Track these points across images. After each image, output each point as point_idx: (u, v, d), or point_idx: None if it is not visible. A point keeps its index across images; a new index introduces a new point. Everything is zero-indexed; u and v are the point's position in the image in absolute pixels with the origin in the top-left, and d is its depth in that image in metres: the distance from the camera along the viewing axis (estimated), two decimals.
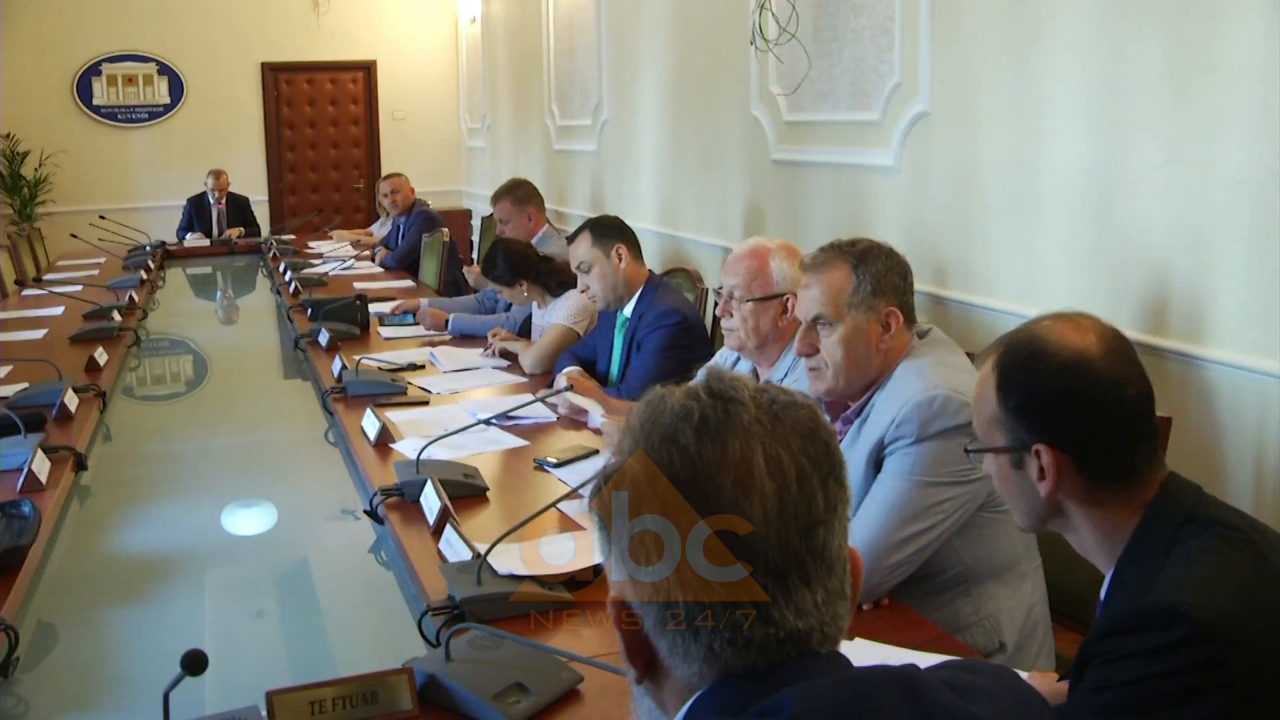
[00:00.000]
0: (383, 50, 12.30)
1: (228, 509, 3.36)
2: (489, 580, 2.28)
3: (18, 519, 2.74)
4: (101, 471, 3.63)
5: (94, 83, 11.65)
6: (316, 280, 6.62)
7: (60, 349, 5.01)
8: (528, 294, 4.65)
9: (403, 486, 2.90)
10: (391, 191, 8.13)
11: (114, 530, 3.30)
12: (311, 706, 1.88)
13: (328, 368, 4.38)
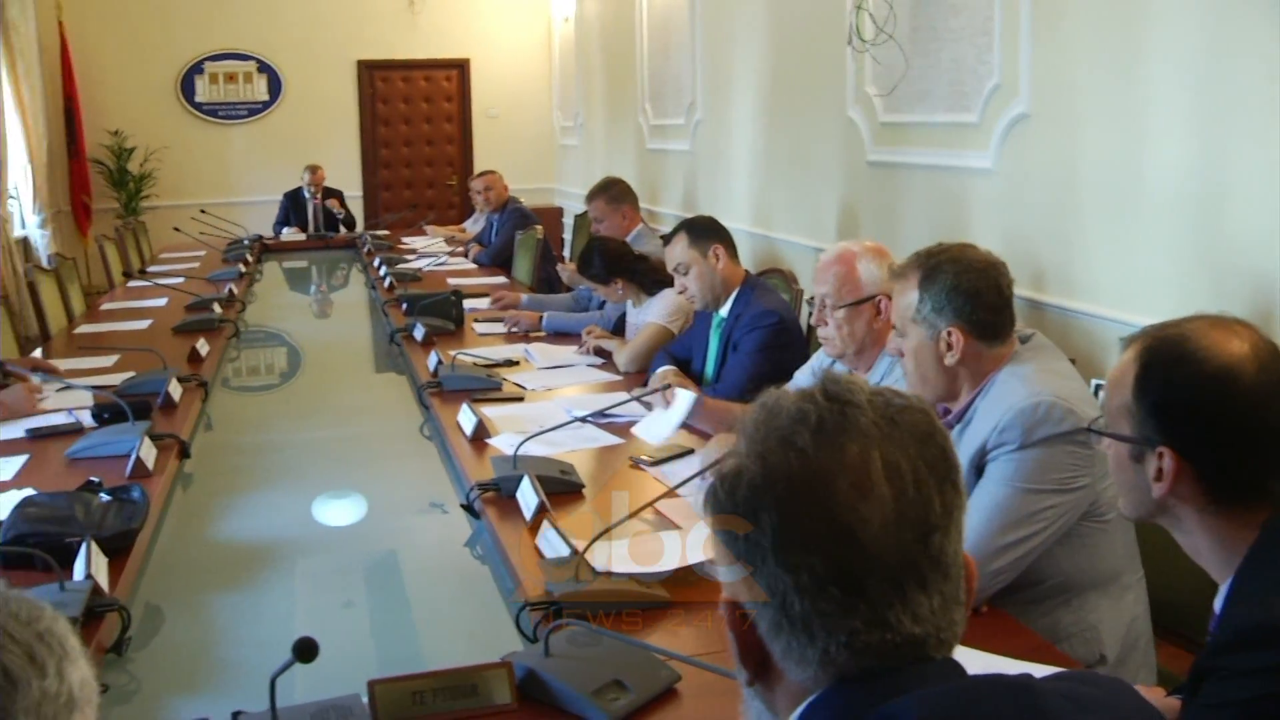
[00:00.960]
0: (477, 48, 12.41)
1: (319, 500, 3.41)
2: (587, 577, 2.29)
3: (128, 504, 2.80)
4: (203, 460, 3.70)
5: (197, 81, 11.90)
6: (411, 275, 6.68)
7: (164, 339, 5.13)
8: (623, 292, 4.67)
9: (500, 481, 2.93)
10: (485, 188, 8.18)
11: (215, 517, 3.36)
12: (412, 697, 1.90)
13: (423, 362, 4.43)
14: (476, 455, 3.31)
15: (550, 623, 2.13)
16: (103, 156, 11.54)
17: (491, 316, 5.38)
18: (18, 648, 0.86)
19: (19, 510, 2.67)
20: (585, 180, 10.41)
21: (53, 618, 0.91)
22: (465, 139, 12.60)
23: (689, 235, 3.95)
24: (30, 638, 0.88)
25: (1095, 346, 3.85)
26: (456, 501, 3.20)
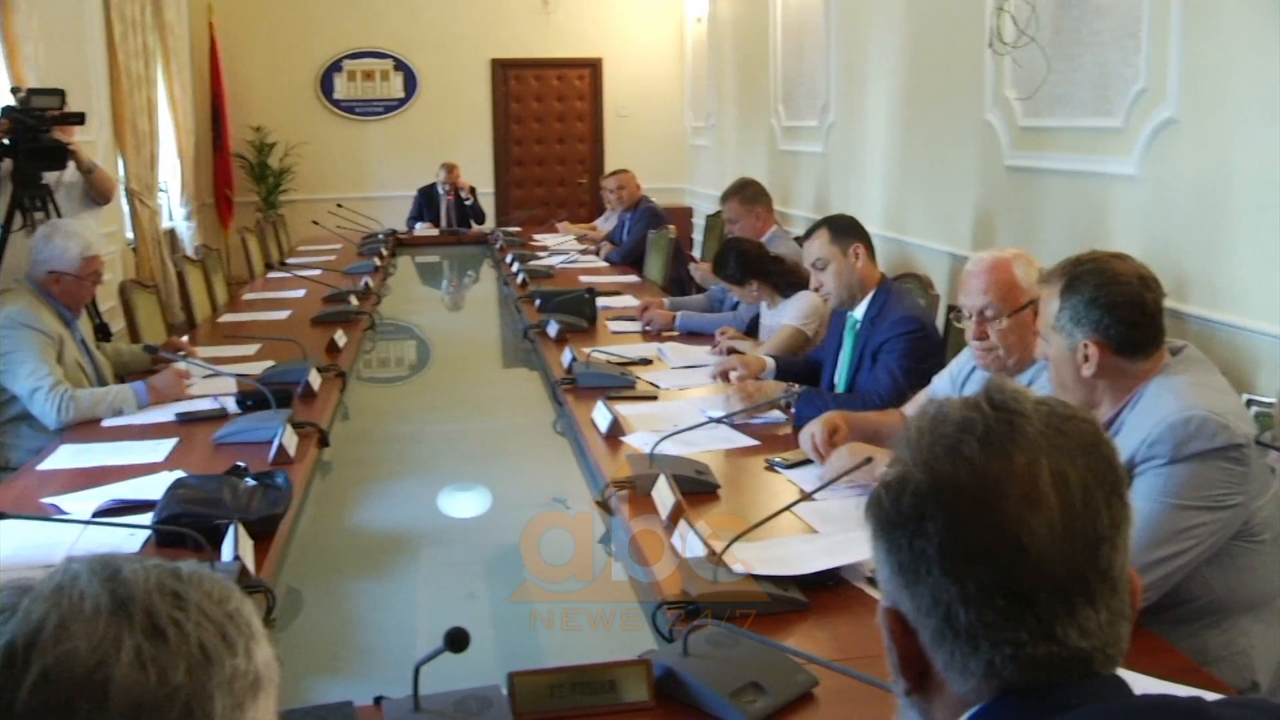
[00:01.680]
0: (609, 48, 12.48)
1: (446, 492, 3.47)
2: (725, 578, 2.29)
3: (273, 489, 2.88)
4: (341, 448, 3.78)
5: (335, 78, 12.16)
6: (544, 272, 6.75)
7: (302, 329, 5.25)
8: (758, 293, 4.66)
9: (635, 479, 2.94)
10: (618, 187, 8.22)
11: (352, 505, 3.44)
12: (551, 690, 1.92)
13: (557, 358, 4.46)
14: (611, 452, 3.33)
15: (687, 623, 2.15)
16: (245, 152, 11.88)
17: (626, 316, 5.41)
18: (212, 626, 0.89)
19: (172, 491, 2.77)
20: (716, 181, 10.39)
21: (240, 599, 0.93)
22: (596, 138, 12.68)
23: (830, 231, 3.91)
24: (222, 617, 0.90)
25: (1241, 359, 3.74)
26: (590, 498, 3.23)
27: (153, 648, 0.85)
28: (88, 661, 0.83)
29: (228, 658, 0.89)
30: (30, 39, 6.66)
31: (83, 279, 4.15)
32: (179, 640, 0.86)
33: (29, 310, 4.00)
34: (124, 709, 0.83)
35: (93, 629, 0.85)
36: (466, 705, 1.87)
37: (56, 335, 4.04)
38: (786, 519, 2.66)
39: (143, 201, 8.91)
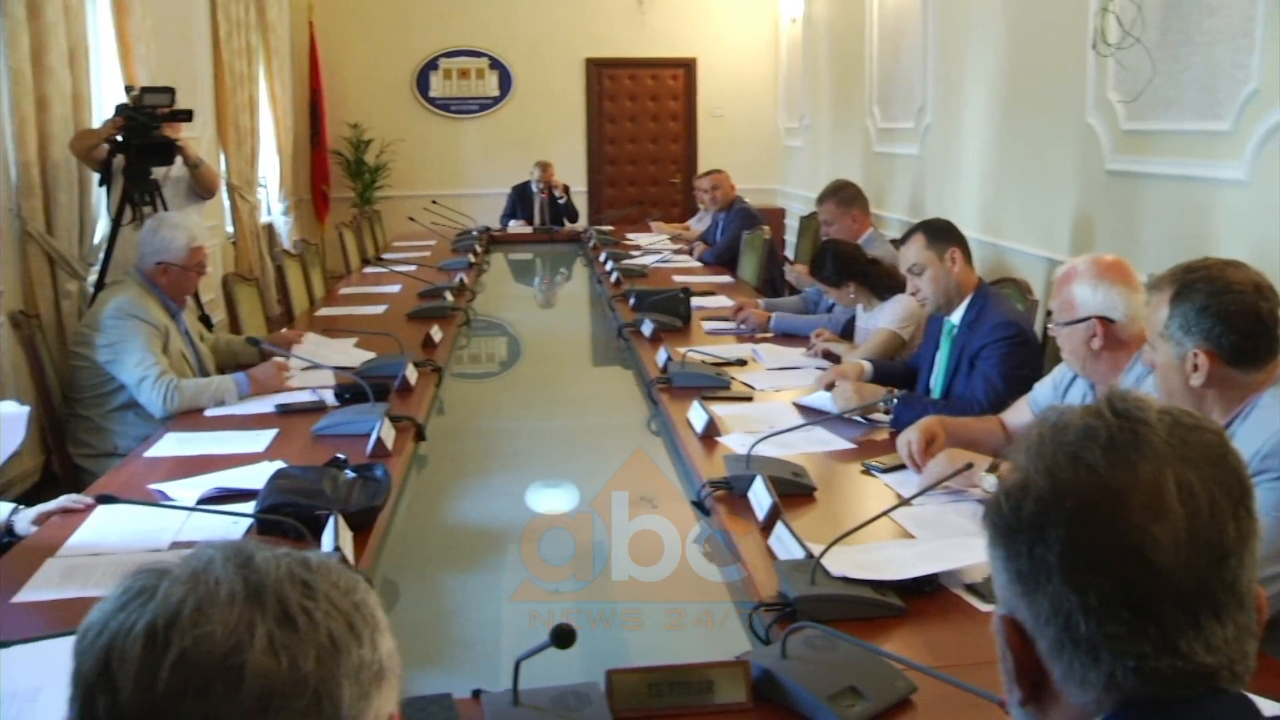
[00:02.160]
0: (703, 48, 12.46)
1: (540, 488, 3.48)
2: (822, 581, 2.28)
3: (372, 481, 2.91)
4: (437, 443, 3.81)
5: (431, 76, 12.29)
6: (638, 271, 6.76)
7: (398, 324, 5.32)
8: (854, 296, 4.62)
9: (732, 480, 2.94)
10: (712, 187, 8.20)
11: (447, 499, 3.47)
12: (649, 689, 1.92)
13: (652, 357, 4.47)
14: (706, 452, 3.32)
15: (784, 625, 2.14)
16: (342, 148, 12.05)
17: (720, 316, 5.40)
18: (340, 615, 0.90)
19: (274, 481, 2.81)
20: (810, 182, 10.34)
21: (366, 590, 0.95)
22: (690, 138, 12.67)
23: (926, 236, 3.87)
24: (349, 607, 0.92)
25: None
26: (683, 497, 3.23)
27: (284, 635, 0.87)
28: (223, 645, 0.86)
29: (355, 648, 0.90)
30: (143, 39, 6.82)
31: (188, 270, 4.24)
32: (309, 629, 0.88)
33: (137, 302, 4.09)
34: (257, 694, 0.85)
35: (228, 614, 0.87)
36: (565, 701, 1.87)
37: (163, 326, 4.14)
38: (883, 523, 2.64)
39: (243, 196, 9.07)
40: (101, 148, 5.63)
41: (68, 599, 2.45)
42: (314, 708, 0.88)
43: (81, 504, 2.99)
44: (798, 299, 5.73)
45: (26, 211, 5.47)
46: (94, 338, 4.07)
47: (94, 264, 5.93)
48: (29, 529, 2.93)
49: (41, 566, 2.61)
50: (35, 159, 5.54)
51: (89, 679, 0.88)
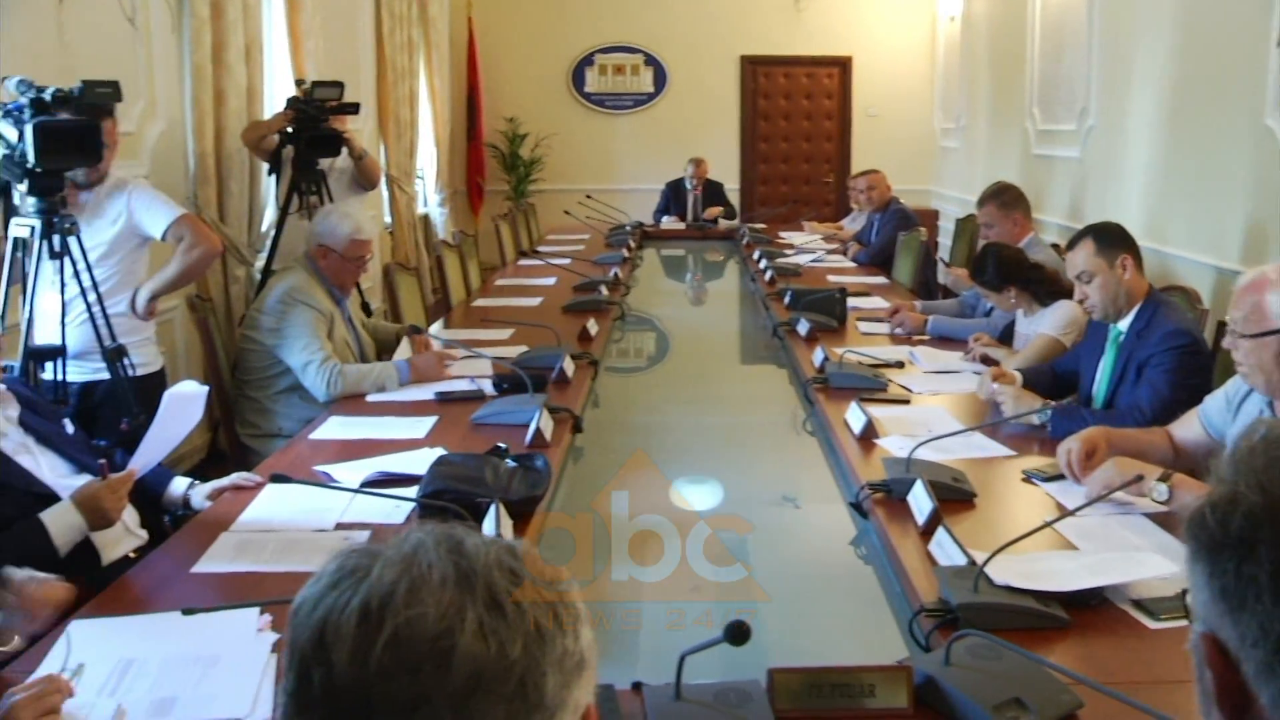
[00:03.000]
0: (859, 46, 12.35)
1: (684, 484, 3.48)
2: (985, 589, 2.24)
3: (532, 471, 2.95)
4: (592, 435, 3.84)
5: (587, 72, 12.41)
6: (792, 270, 6.73)
7: (553, 316, 5.37)
8: (1015, 301, 4.53)
9: (891, 483, 2.90)
10: (868, 187, 8.11)
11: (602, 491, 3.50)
12: (810, 689, 1.91)
13: (807, 357, 4.44)
14: (864, 454, 3.29)
15: (946, 631, 2.11)
16: (497, 141, 12.24)
17: (875, 317, 5.35)
18: (545, 604, 0.92)
19: (436, 467, 2.87)
20: (965, 184, 10.17)
21: (568, 581, 0.97)
22: (844, 137, 12.56)
23: (1096, 242, 3.75)
24: (554, 598, 0.94)
25: None
26: (838, 497, 3.21)
27: (493, 621, 0.89)
28: (435, 627, 0.88)
29: (559, 637, 0.92)
30: (312, 35, 7.03)
31: (347, 259, 4.34)
32: (516, 616, 0.90)
33: (304, 288, 4.22)
34: (465, 677, 0.87)
35: (440, 597, 0.89)
36: (726, 697, 1.87)
37: (328, 312, 4.25)
38: (1045, 533, 2.58)
39: (401, 188, 9.27)
40: (271, 139, 5.81)
41: (241, 572, 2.55)
42: (519, 694, 0.89)
43: (252, 482, 3.10)
44: (955, 302, 5.63)
45: (201, 200, 5.67)
46: (262, 321, 4.20)
47: (261, 251, 6.12)
48: (203, 503, 3.05)
49: (216, 540, 2.71)
50: (211, 150, 5.75)
51: (304, 652, 0.91)
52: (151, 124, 5.46)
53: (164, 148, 5.55)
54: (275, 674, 2.05)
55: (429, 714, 0.87)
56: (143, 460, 2.86)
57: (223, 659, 2.11)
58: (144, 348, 4.25)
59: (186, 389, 2.94)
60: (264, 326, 4.19)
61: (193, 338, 5.56)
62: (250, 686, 2.02)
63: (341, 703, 0.88)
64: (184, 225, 4.12)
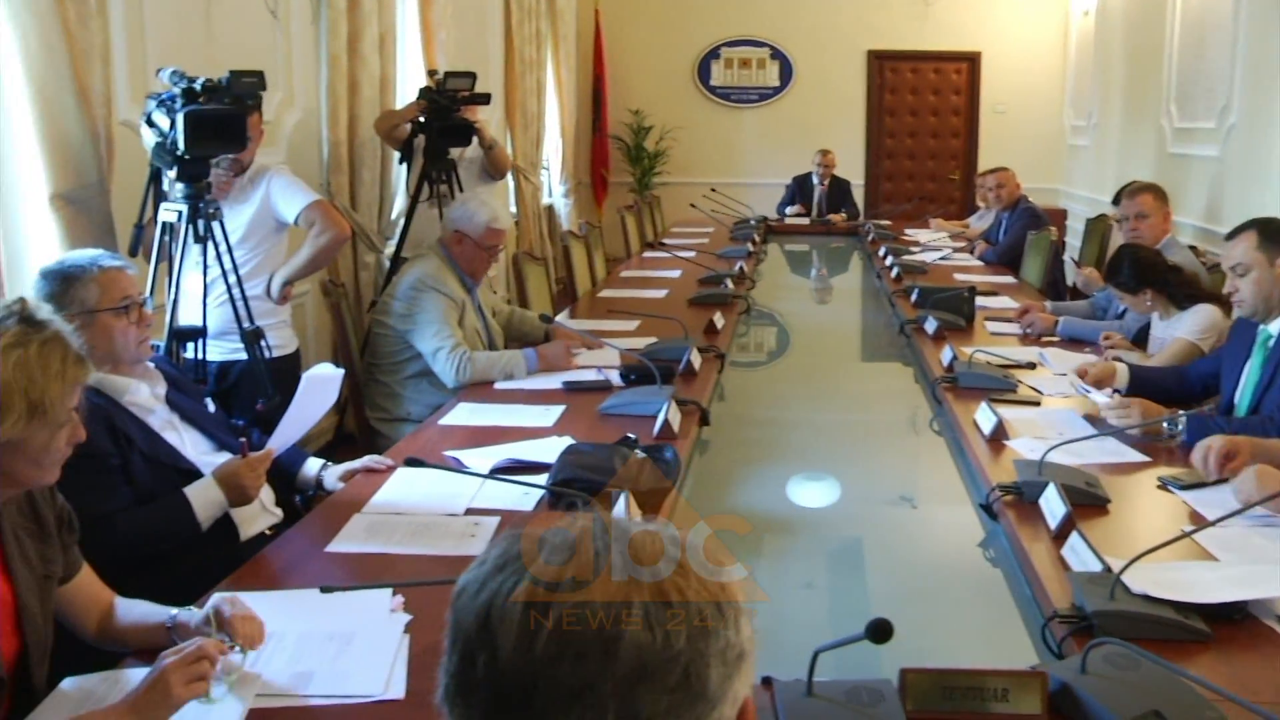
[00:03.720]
0: (988, 42, 12.16)
1: (801, 480, 3.47)
2: (1122, 597, 2.19)
3: (661, 462, 2.96)
4: (718, 428, 3.84)
5: (713, 65, 12.42)
6: (918, 268, 6.66)
7: (679, 309, 5.38)
8: (1151, 303, 4.41)
9: (1022, 485, 2.86)
10: (997, 185, 7.96)
11: (729, 484, 3.52)
12: (942, 691, 1.89)
13: (935, 356, 4.40)
14: (993, 455, 3.24)
15: (1080, 639, 2.07)
16: (622, 134, 12.31)
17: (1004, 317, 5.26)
18: (709, 595, 0.93)
19: (566, 455, 2.91)
20: (1095, 183, 9.96)
21: (729, 573, 0.97)
22: (971, 134, 12.39)
23: (1260, 235, 3.56)
24: (716, 588, 0.94)
25: None
26: (967, 498, 3.18)
27: (659, 611, 0.89)
28: (602, 615, 0.89)
29: (722, 628, 0.92)
30: (443, 26, 7.14)
31: (481, 247, 4.39)
32: (682, 607, 0.90)
33: (437, 275, 4.28)
34: (631, 667, 0.87)
35: (607, 586, 0.90)
36: (858, 696, 1.86)
37: (459, 299, 4.31)
38: (1183, 543, 2.52)
39: (527, 178, 9.36)
40: (404, 128, 5.91)
41: (373, 553, 2.60)
42: (683, 685, 0.90)
43: (383, 465, 3.16)
44: (1086, 303, 5.51)
45: (334, 187, 5.79)
46: (394, 307, 4.27)
47: (390, 238, 6.23)
48: (335, 484, 3.12)
49: (349, 521, 2.77)
50: (344, 138, 5.87)
51: (469, 635, 0.92)
52: (289, 113, 5.59)
53: (299, 136, 5.68)
54: (408, 655, 2.09)
55: (592, 702, 0.88)
56: (280, 440, 2.93)
57: (357, 637, 2.16)
58: (280, 330, 4.35)
59: (323, 371, 3.01)
60: (396, 312, 4.26)
61: (323, 322, 5.69)
62: (384, 666, 2.06)
63: (505, 687, 0.89)
64: (315, 210, 4.21)
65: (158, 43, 4.41)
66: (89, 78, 3.72)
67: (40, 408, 1.96)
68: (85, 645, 2.25)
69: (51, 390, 1.97)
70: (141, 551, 2.63)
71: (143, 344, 2.83)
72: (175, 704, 1.82)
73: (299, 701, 1.96)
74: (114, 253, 2.99)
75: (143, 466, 2.72)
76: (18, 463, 1.98)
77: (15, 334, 1.96)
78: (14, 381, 1.93)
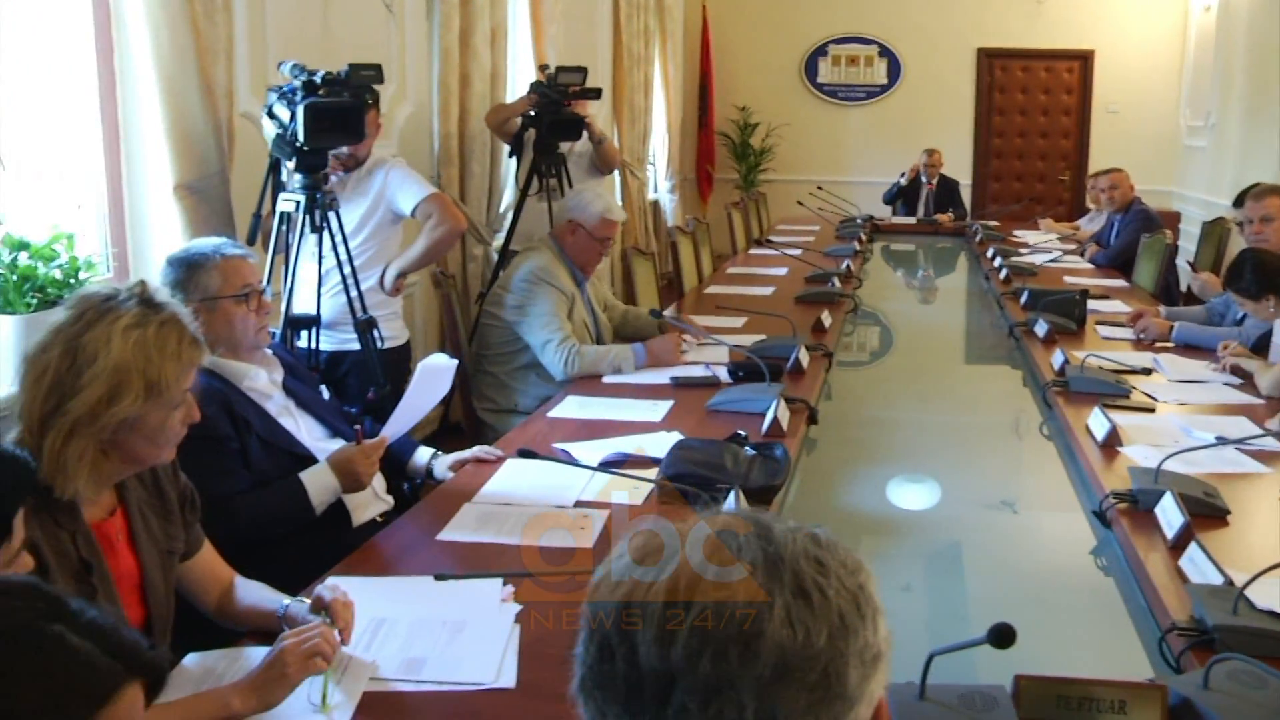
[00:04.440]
0: (1102, 39, 11.90)
1: (901, 482, 3.45)
2: (1246, 612, 2.14)
3: (771, 460, 2.96)
4: (825, 427, 3.81)
5: (820, 62, 12.33)
6: (1028, 270, 6.56)
7: (786, 306, 5.37)
8: (1274, 310, 4.30)
9: (1137, 493, 2.80)
10: (1110, 187, 7.79)
11: (835, 484, 3.50)
12: (1058, 700, 1.86)
13: (1045, 359, 4.33)
14: (1106, 462, 3.19)
15: (1200, 654, 2.03)
16: (728, 130, 12.29)
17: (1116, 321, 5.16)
18: (848, 594, 0.92)
19: (676, 450, 2.92)
20: (1212, 186, 9.72)
21: (867, 574, 0.96)
22: (1082, 134, 12.14)
23: None
24: (855, 587, 0.93)
25: None
26: (1077, 505, 3.13)
27: (800, 609, 0.89)
28: (744, 613, 0.88)
29: (860, 628, 0.91)
30: (554, 21, 7.20)
31: (594, 238, 4.40)
32: (822, 605, 0.90)
33: (549, 268, 4.31)
34: (771, 664, 0.87)
35: (748, 583, 0.90)
36: (971, 701, 1.84)
37: (569, 293, 4.34)
38: None
39: (633, 173, 9.39)
40: (514, 121, 5.96)
41: (483, 543, 2.63)
42: (822, 684, 0.89)
43: (493, 456, 3.19)
44: (1201, 309, 5.38)
45: (444, 179, 5.86)
46: (506, 299, 4.31)
47: (498, 231, 6.29)
48: (445, 474, 3.16)
49: (459, 510, 2.80)
50: (455, 131, 5.94)
51: (606, 627, 0.92)
52: (401, 106, 5.67)
53: (411, 129, 5.76)
54: (518, 644, 2.11)
55: (731, 699, 0.87)
56: (394, 428, 2.97)
57: (469, 625, 2.19)
58: (392, 321, 4.41)
59: (438, 362, 3.05)
60: (508, 304, 4.30)
61: (430, 313, 5.77)
62: (495, 654, 2.08)
63: (643, 681, 0.89)
64: (433, 203, 4.25)
65: (277, 37, 4.50)
66: (213, 71, 3.82)
67: (157, 387, 2.02)
68: (204, 620, 2.31)
69: (168, 370, 2.03)
70: (257, 534, 2.68)
71: (261, 331, 2.88)
72: (292, 684, 1.87)
73: (411, 687, 1.99)
74: (236, 241, 3.05)
75: (260, 451, 2.77)
76: (135, 440, 2.04)
77: (135, 315, 2.03)
78: (133, 361, 1.99)
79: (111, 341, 1.98)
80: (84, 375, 1.95)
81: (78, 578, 1.93)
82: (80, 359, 1.96)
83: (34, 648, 1.03)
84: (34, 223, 3.35)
